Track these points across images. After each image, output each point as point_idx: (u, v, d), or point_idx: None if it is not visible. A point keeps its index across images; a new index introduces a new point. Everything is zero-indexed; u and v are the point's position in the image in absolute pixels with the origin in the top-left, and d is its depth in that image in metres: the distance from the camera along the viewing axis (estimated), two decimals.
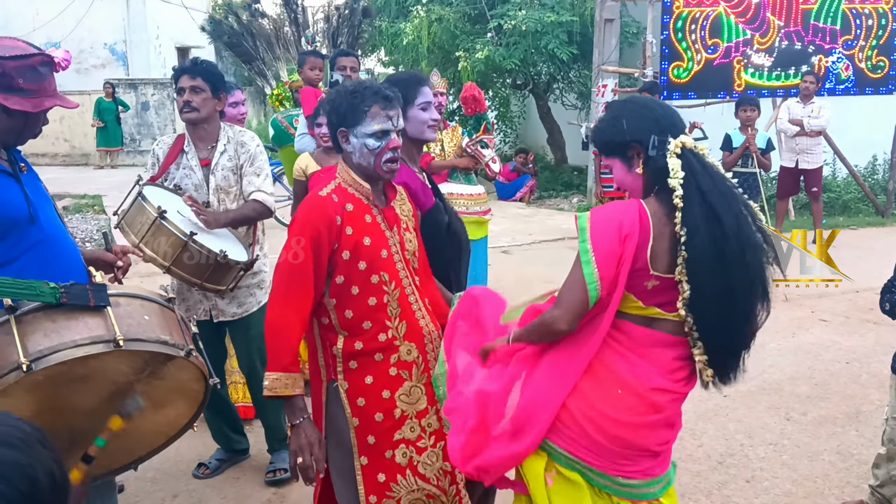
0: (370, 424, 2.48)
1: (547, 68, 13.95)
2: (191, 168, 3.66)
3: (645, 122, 2.18)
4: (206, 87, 3.58)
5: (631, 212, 2.12)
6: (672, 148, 2.13)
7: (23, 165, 2.54)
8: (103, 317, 2.04)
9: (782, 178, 9.53)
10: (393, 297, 2.47)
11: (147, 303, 2.22)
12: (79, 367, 1.97)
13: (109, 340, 1.98)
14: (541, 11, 12.30)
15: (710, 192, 2.09)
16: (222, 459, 4.07)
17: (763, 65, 10.41)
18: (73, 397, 2.03)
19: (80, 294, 2.04)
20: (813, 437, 4.37)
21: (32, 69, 2.37)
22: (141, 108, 18.94)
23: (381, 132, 2.38)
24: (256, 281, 3.82)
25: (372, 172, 2.44)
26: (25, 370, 1.87)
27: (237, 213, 3.61)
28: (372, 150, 2.39)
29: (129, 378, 2.10)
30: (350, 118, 2.40)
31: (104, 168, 17.46)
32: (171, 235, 3.16)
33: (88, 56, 20.43)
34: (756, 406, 4.77)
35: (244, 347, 3.89)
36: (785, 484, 3.88)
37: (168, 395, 2.25)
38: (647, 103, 2.28)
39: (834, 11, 10.33)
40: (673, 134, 2.17)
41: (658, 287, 2.15)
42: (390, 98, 2.41)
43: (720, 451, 4.21)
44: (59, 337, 1.96)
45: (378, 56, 17.64)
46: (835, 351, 5.72)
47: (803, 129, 9.02)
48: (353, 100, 2.40)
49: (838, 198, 11.39)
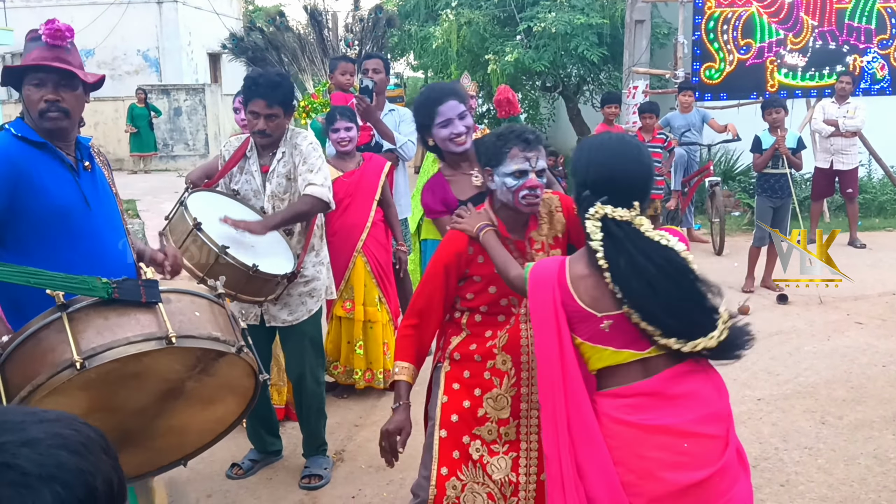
0: (457, 406, 2.70)
1: (577, 70, 13.90)
2: (251, 174, 3.68)
3: (588, 174, 2.22)
4: (282, 112, 3.57)
5: (551, 267, 2.23)
6: (591, 211, 2.17)
7: (87, 164, 2.59)
8: (155, 313, 2.03)
9: (817, 180, 9.41)
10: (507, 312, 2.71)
11: (197, 298, 2.21)
12: (132, 365, 1.98)
13: (162, 337, 1.97)
14: (570, 13, 12.25)
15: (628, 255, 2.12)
16: (255, 460, 4.11)
17: (797, 65, 10.27)
18: (124, 395, 2.03)
19: (133, 290, 2.04)
20: (849, 441, 4.31)
21: (25, 46, 2.52)
22: (173, 113, 19.19)
23: (518, 172, 2.56)
24: (308, 289, 3.80)
25: (512, 207, 2.63)
26: (79, 368, 1.87)
27: (287, 212, 3.58)
28: (510, 188, 2.58)
29: (180, 375, 2.10)
30: (494, 159, 2.61)
31: (137, 173, 17.71)
32: (205, 247, 3.19)
33: (122, 63, 20.76)
34: (791, 410, 4.71)
35: (295, 355, 3.90)
36: (820, 488, 3.83)
37: (218, 392, 2.25)
38: (610, 159, 2.23)
39: (869, 10, 10.18)
40: (617, 199, 2.15)
41: (615, 326, 2.15)
42: (530, 140, 2.60)
43: (754, 454, 4.16)
44: (112, 334, 1.95)
45: (408, 59, 17.69)
46: (871, 354, 5.63)
47: (838, 129, 8.91)
48: (497, 142, 2.62)
49: (874, 199, 11.21)
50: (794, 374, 5.28)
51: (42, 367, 1.92)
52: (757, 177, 7.47)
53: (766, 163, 7.11)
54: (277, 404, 4.56)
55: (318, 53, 9.10)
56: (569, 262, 2.22)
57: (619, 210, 2.14)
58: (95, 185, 2.60)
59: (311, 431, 4.02)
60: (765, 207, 7.26)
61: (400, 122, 5.43)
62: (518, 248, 2.69)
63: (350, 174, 4.74)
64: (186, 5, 21.17)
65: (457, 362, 2.73)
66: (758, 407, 4.75)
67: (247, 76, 3.64)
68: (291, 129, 3.77)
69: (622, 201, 2.15)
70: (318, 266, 3.86)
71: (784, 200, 7.22)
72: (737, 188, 11.49)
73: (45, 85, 2.48)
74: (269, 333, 3.89)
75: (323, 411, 4.05)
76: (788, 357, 5.61)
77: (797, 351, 5.73)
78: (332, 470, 4.06)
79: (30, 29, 2.61)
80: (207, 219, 3.25)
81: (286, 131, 3.71)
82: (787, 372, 5.32)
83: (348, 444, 4.39)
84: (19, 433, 1.01)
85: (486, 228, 2.59)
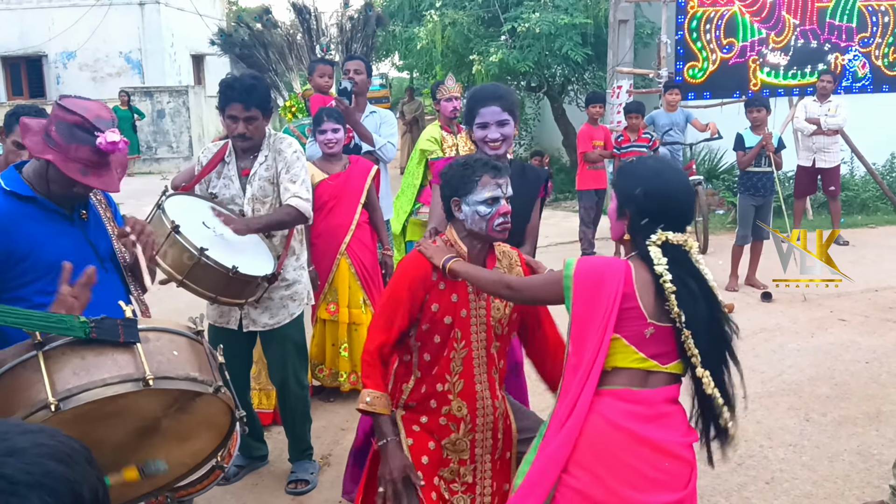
0: (423, 448, 2.66)
1: (561, 70, 13.93)
2: (230, 178, 3.67)
3: (650, 203, 2.28)
4: (260, 114, 3.57)
5: (616, 267, 2.26)
6: (654, 239, 2.26)
7: (84, 213, 2.61)
8: (133, 353, 2.00)
9: (799, 178, 9.47)
10: (459, 354, 2.65)
11: (176, 336, 2.18)
12: (108, 406, 1.95)
13: (139, 379, 1.94)
14: (554, 14, 12.28)
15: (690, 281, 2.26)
16: (241, 465, 4.09)
17: (779, 64, 10.34)
18: (100, 432, 2.01)
19: (111, 329, 2.00)
20: (833, 437, 4.34)
21: (68, 126, 2.43)
22: (156, 115, 19.08)
23: (491, 199, 2.57)
24: (290, 293, 3.80)
25: (485, 236, 2.63)
26: (54, 410, 1.84)
27: (269, 218, 3.60)
28: (483, 216, 2.58)
29: (156, 414, 2.08)
30: (462, 189, 2.60)
31: None
32: (184, 249, 3.17)
33: (104, 65, 20.62)
34: (775, 407, 4.74)
35: (278, 360, 3.88)
36: (805, 485, 3.86)
37: (194, 429, 2.24)
38: (668, 187, 2.31)
39: (850, 9, 10.25)
40: (672, 224, 2.28)
41: (654, 336, 2.24)
42: (499, 168, 2.62)
43: (739, 452, 4.18)
44: (89, 375, 1.92)
45: (392, 60, 17.69)
46: (854, 351, 5.67)
47: (820, 127, 8.96)
48: (465, 171, 2.62)
49: (856, 196, 11.30)
50: (778, 371, 5.31)
51: (17, 407, 1.88)
52: (739, 175, 7.51)
53: (751, 160, 7.15)
54: (266, 408, 4.54)
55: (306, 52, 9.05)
56: (633, 266, 2.27)
57: (678, 235, 2.27)
58: (93, 234, 2.61)
59: (296, 435, 4.00)
60: (747, 205, 7.30)
61: (381, 124, 5.42)
62: None
63: (336, 177, 4.73)
64: (169, 7, 21.05)
65: (412, 409, 2.71)
66: (742, 405, 4.77)
67: (221, 81, 3.63)
68: (274, 133, 3.77)
69: (677, 226, 2.29)
70: (298, 270, 3.86)
71: (766, 198, 7.26)
72: (721, 187, 11.55)
73: (79, 184, 2.50)
74: (250, 338, 3.88)
75: (308, 415, 4.04)
76: (772, 355, 5.64)
77: (781, 349, 5.76)
78: (319, 474, 4.05)
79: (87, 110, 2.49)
80: (186, 221, 3.23)
81: (268, 136, 3.71)
82: (771, 370, 5.35)
83: (335, 448, 4.38)
84: (4, 443, 1.02)
85: (452, 259, 2.56)
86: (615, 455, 2.18)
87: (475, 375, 2.67)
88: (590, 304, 2.22)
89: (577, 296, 2.24)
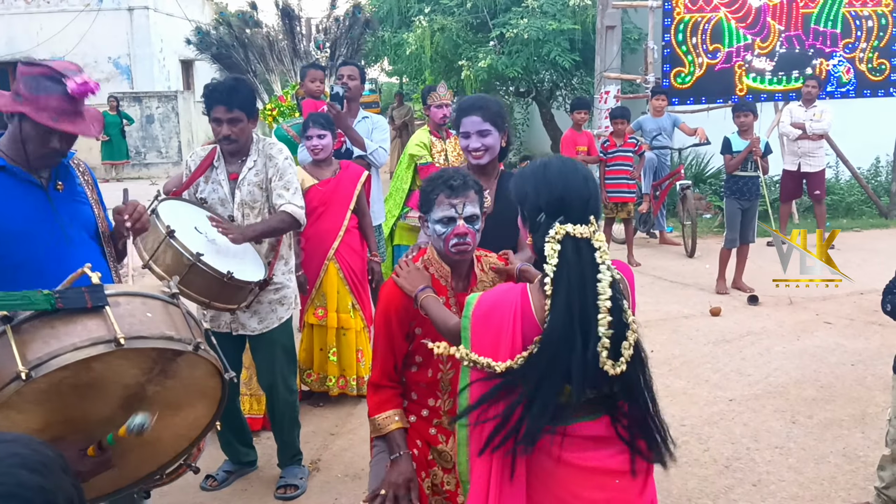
0: (412, 442, 2.65)
1: (549, 76, 13.99)
2: (219, 182, 3.68)
3: (540, 198, 2.11)
4: (244, 116, 3.58)
5: (512, 294, 2.11)
6: (552, 233, 2.06)
7: (60, 184, 2.57)
8: (103, 318, 1.96)
9: (785, 182, 9.54)
10: (447, 375, 2.64)
11: (149, 300, 2.13)
12: (83, 372, 1.91)
13: (110, 340, 1.90)
14: (542, 19, 12.33)
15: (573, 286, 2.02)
16: (230, 471, 4.09)
17: (764, 69, 10.42)
18: (83, 406, 1.98)
19: (76, 297, 1.97)
20: (819, 440, 4.38)
21: (34, 79, 2.42)
22: (145, 121, 19.05)
23: (446, 219, 2.51)
24: (278, 297, 3.81)
25: (444, 255, 2.60)
26: (25, 378, 1.81)
27: (265, 226, 3.62)
28: (440, 236, 2.53)
29: (138, 380, 2.03)
30: (425, 206, 2.58)
31: (109, 181, 17.52)
32: (179, 255, 3.17)
33: (92, 70, 20.50)
34: (762, 410, 4.78)
35: (266, 364, 3.90)
36: (791, 487, 3.89)
37: (184, 397, 2.19)
38: (555, 178, 2.12)
39: (834, 15, 10.35)
40: (572, 216, 2.07)
41: None
42: (454, 187, 2.52)
43: (726, 455, 4.22)
44: (59, 342, 1.89)
45: (381, 66, 17.71)
46: (840, 353, 5.72)
47: (805, 132, 9.04)
48: (426, 188, 2.58)
49: (841, 200, 11.39)
50: (765, 374, 5.35)
51: None
52: (726, 179, 7.56)
53: (738, 164, 7.21)
54: (256, 413, 4.54)
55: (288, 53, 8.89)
56: (531, 291, 2.11)
57: (580, 227, 2.06)
58: (68, 205, 2.58)
59: (285, 440, 4.01)
60: (734, 209, 7.35)
61: (373, 130, 5.44)
62: (459, 302, 2.58)
63: (325, 182, 4.74)
64: (158, 12, 21.03)
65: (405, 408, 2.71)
66: (729, 407, 4.81)
67: (205, 86, 3.65)
68: (263, 138, 3.79)
69: (576, 218, 2.07)
70: (287, 274, 3.89)
71: (752, 202, 7.32)
72: (708, 191, 11.62)
73: (54, 133, 2.48)
74: (239, 343, 3.89)
75: (297, 420, 4.05)
76: (759, 357, 5.68)
77: (767, 351, 5.81)
78: (308, 479, 4.06)
79: (54, 60, 2.51)
80: (179, 226, 3.23)
81: (257, 140, 3.72)
82: (757, 372, 5.38)
83: (324, 453, 4.39)
84: None
85: (426, 294, 2.48)
86: (568, 490, 2.08)
87: None
88: (489, 336, 2.08)
89: (480, 328, 2.09)
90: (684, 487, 3.89)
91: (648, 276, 8.05)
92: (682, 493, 3.85)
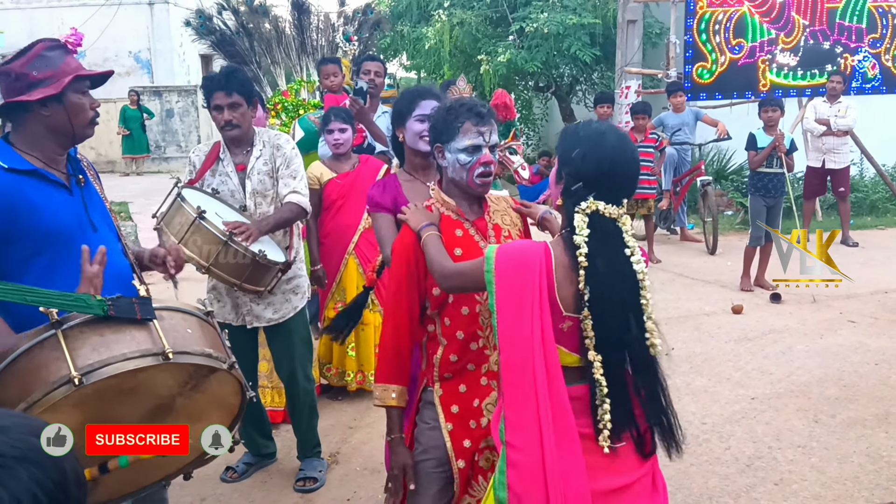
0: (465, 430, 2.53)
1: (569, 70, 13.94)
2: (227, 174, 3.69)
3: (585, 166, 2.08)
4: (243, 100, 3.58)
5: (537, 254, 2.07)
6: (583, 206, 2.07)
7: (81, 178, 2.58)
8: (149, 330, 2.04)
9: (809, 179, 9.45)
10: (485, 305, 2.48)
11: (188, 316, 2.22)
12: (128, 381, 1.97)
13: (158, 353, 1.98)
14: (563, 14, 12.28)
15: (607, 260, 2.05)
16: (250, 463, 4.10)
17: (788, 64, 10.31)
18: (117, 411, 2.02)
19: (127, 307, 2.04)
20: (842, 439, 4.33)
21: (39, 58, 2.42)
22: (165, 115, 19.15)
23: (472, 147, 2.44)
24: (291, 286, 3.83)
25: (465, 187, 2.51)
26: (77, 384, 1.86)
27: (277, 218, 3.63)
28: (464, 165, 2.45)
29: (172, 392, 2.10)
30: (445, 134, 2.48)
31: (130, 175, 17.66)
32: (211, 235, 3.17)
33: (113, 64, 20.62)
34: (784, 409, 4.73)
35: (284, 354, 3.91)
36: (814, 487, 3.85)
37: (206, 409, 2.24)
38: (608, 152, 2.09)
39: (860, 10, 10.21)
40: (608, 194, 2.08)
41: (571, 329, 2.07)
42: (483, 114, 2.46)
43: (748, 453, 4.18)
44: (109, 351, 1.95)
45: (400, 60, 17.69)
46: (863, 352, 5.65)
47: (830, 128, 8.94)
48: (448, 116, 2.48)
49: (866, 198, 11.26)
50: (787, 372, 5.29)
51: (36, 384, 1.90)
52: (750, 175, 7.50)
53: (762, 161, 7.14)
54: (277, 406, 4.54)
55: (295, 47, 8.70)
56: (553, 249, 2.08)
57: (610, 207, 2.07)
58: (91, 199, 2.59)
59: (304, 431, 4.02)
60: (759, 206, 7.28)
61: None
62: (479, 228, 2.55)
63: (344, 176, 4.73)
64: (178, 6, 21.09)
65: (449, 381, 2.54)
66: (751, 406, 4.77)
67: (202, 79, 3.67)
68: (267, 129, 3.82)
69: (613, 198, 2.08)
70: (298, 263, 3.92)
71: (777, 199, 7.25)
72: (730, 187, 11.52)
73: (88, 94, 2.50)
74: (253, 336, 3.90)
75: (315, 409, 4.05)
76: (781, 356, 5.62)
77: (790, 350, 5.75)
78: (327, 472, 4.06)
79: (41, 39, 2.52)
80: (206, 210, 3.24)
81: (260, 131, 3.75)
82: (779, 371, 5.33)
83: (343, 447, 4.39)
84: None
85: (429, 231, 2.41)
86: None
87: None
88: (516, 291, 2.05)
89: (505, 284, 2.06)
90: (705, 486, 3.86)
91: (669, 273, 8.00)
92: (703, 491, 3.82)
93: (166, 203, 3.37)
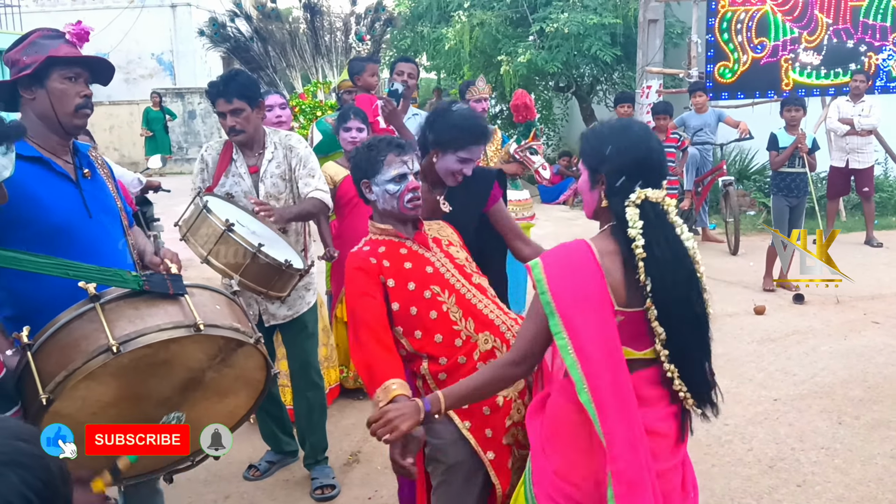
0: (481, 419, 2.57)
1: (590, 70, 13.89)
2: (240, 175, 3.71)
3: (623, 159, 2.09)
4: (245, 104, 3.58)
5: (582, 250, 2.08)
6: (633, 198, 2.08)
7: (87, 171, 2.60)
8: (181, 305, 2.17)
9: (832, 179, 9.36)
10: (450, 302, 2.63)
11: (216, 294, 2.35)
12: (162, 352, 2.08)
13: (190, 325, 2.09)
14: (583, 14, 12.25)
15: (663, 245, 2.06)
16: (272, 461, 4.13)
17: (811, 63, 10.22)
18: (151, 383, 2.12)
19: (160, 283, 2.18)
20: (866, 440, 4.29)
21: (32, 44, 2.48)
22: (188, 116, 19.29)
23: (398, 176, 2.64)
24: (304, 283, 3.83)
25: (398, 214, 2.68)
26: (115, 352, 1.97)
27: (300, 209, 3.66)
28: (393, 195, 2.64)
29: (202, 365, 2.20)
30: (370, 170, 2.67)
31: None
32: (239, 248, 3.19)
33: (136, 66, 20.87)
34: (807, 410, 4.70)
35: (297, 344, 3.93)
36: (837, 488, 3.82)
37: (233, 384, 2.34)
38: (639, 140, 2.13)
39: (884, 8, 10.11)
40: (649, 180, 2.10)
41: (624, 323, 2.07)
42: (403, 145, 2.68)
43: (771, 455, 4.15)
44: (143, 322, 2.07)
45: (420, 61, 17.70)
46: (888, 353, 5.60)
47: (854, 128, 8.86)
48: (370, 153, 2.68)
49: (890, 198, 11.14)
50: (811, 374, 5.25)
51: (76, 354, 2.01)
52: (772, 175, 7.44)
53: (784, 161, 7.09)
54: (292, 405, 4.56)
55: (309, 49, 8.65)
56: (595, 246, 2.08)
57: (655, 192, 2.10)
58: (96, 191, 2.62)
59: (311, 441, 3.98)
60: (781, 206, 7.23)
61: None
62: (420, 242, 2.71)
63: None
64: (200, 9, 21.25)
65: (446, 382, 2.54)
66: (774, 407, 4.74)
67: (208, 84, 3.70)
68: (277, 130, 3.83)
69: (655, 182, 2.11)
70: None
71: (800, 199, 7.20)
72: (752, 187, 11.44)
73: (79, 80, 2.52)
74: (269, 333, 3.93)
75: (325, 409, 4.04)
76: (805, 357, 5.58)
77: (813, 351, 5.70)
78: (349, 472, 4.07)
79: (39, 27, 2.59)
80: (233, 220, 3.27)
81: (272, 132, 3.76)
82: (803, 372, 5.29)
83: (364, 446, 4.40)
84: None
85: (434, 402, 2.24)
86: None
87: (476, 306, 2.65)
88: (580, 295, 2.03)
89: (559, 296, 2.02)
90: (727, 486, 3.84)
91: None
92: (725, 492, 3.80)
93: (188, 212, 3.38)
